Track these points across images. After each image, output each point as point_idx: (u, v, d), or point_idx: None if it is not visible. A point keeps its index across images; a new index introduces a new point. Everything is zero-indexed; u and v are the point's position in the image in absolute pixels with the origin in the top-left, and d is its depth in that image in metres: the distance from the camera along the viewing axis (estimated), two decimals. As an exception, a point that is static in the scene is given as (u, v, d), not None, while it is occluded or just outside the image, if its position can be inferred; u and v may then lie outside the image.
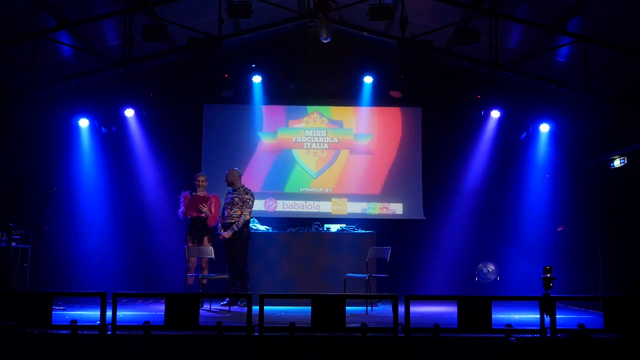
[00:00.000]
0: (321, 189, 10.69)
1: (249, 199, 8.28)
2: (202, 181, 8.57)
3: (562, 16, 7.85)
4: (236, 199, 8.24)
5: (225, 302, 8.06)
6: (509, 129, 10.54)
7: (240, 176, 8.47)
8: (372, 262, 8.61)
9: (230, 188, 8.40)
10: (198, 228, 8.41)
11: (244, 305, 7.83)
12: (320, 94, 10.66)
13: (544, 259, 9.55)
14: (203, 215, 8.37)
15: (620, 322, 5.34)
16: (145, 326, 5.35)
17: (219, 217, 8.39)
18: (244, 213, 8.17)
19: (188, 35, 8.16)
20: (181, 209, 8.48)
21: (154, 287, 9.63)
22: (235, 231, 8.10)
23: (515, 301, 7.77)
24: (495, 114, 10.43)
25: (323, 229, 9.18)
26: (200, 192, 8.48)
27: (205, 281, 8.34)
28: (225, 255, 8.34)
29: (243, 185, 8.43)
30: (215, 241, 8.46)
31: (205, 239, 8.39)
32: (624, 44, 7.93)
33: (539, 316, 5.39)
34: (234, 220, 8.16)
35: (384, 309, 8.19)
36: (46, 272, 9.03)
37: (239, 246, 8.19)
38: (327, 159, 10.77)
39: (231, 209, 8.22)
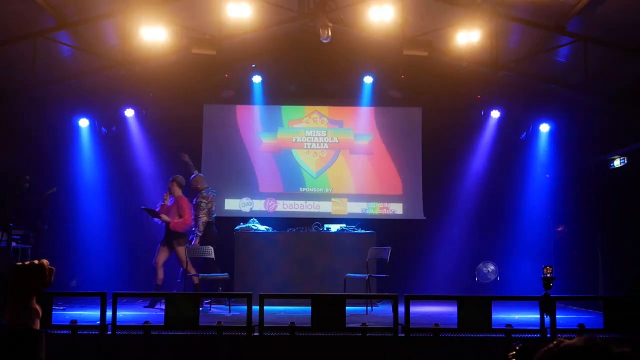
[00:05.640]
0: (321, 189, 10.69)
1: (201, 201, 8.41)
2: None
3: (562, 16, 7.85)
4: (200, 204, 8.41)
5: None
6: (509, 129, 10.54)
7: (202, 180, 8.61)
8: (372, 262, 8.61)
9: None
10: (166, 234, 8.47)
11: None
12: (320, 94, 10.65)
13: (544, 259, 9.55)
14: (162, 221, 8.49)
15: (620, 322, 5.34)
16: (145, 326, 5.35)
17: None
18: (200, 216, 8.34)
19: (188, 35, 8.16)
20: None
21: (154, 287, 9.61)
22: (200, 237, 8.27)
23: (515, 301, 7.77)
24: (495, 114, 10.43)
25: (323, 229, 9.18)
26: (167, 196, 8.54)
27: (197, 280, 8.30)
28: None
29: (203, 189, 8.55)
30: (214, 241, 8.49)
31: (174, 243, 8.39)
32: (624, 44, 7.93)
33: (539, 316, 5.40)
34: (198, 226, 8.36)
35: (384, 309, 8.19)
36: (46, 272, 9.01)
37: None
38: (327, 159, 10.77)
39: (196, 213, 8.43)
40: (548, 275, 5.47)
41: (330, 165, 10.76)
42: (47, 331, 5.45)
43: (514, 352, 1.83)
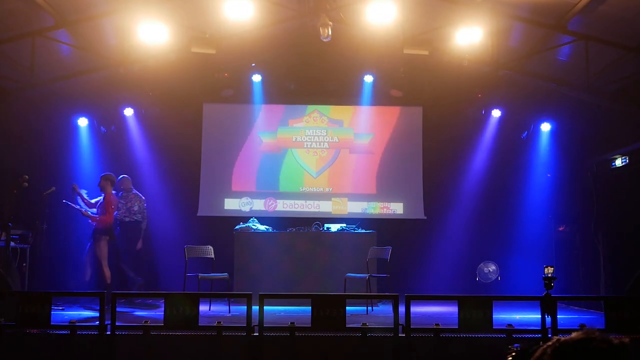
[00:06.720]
0: (321, 189, 10.66)
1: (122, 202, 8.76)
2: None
3: (563, 15, 7.82)
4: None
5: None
6: (509, 128, 10.51)
7: (127, 181, 8.87)
8: (372, 262, 8.59)
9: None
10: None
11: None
12: (321, 93, 10.63)
13: (545, 258, 9.53)
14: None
15: (622, 322, 5.32)
16: (145, 326, 5.33)
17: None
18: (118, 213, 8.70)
19: (188, 34, 8.13)
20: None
21: (154, 287, 9.59)
22: (119, 234, 8.67)
23: (516, 301, 7.76)
24: (496, 113, 10.41)
25: (323, 229, 9.15)
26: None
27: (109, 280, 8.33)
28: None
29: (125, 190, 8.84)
30: (213, 241, 8.48)
31: (95, 238, 8.48)
32: (626, 42, 7.90)
33: (540, 316, 5.38)
34: None
35: (384, 309, 8.17)
36: (45, 272, 9.01)
37: None
38: (327, 159, 10.75)
39: None
40: (549, 275, 5.44)
41: (331, 165, 10.73)
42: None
43: (512, 355, 1.83)
